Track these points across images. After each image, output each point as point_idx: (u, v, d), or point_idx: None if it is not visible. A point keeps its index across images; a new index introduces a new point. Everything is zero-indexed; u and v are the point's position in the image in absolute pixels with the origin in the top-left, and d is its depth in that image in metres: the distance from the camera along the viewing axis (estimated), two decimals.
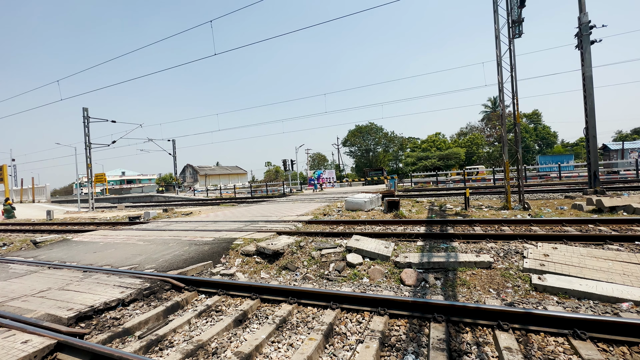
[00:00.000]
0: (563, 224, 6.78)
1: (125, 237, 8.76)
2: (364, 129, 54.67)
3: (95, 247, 7.68)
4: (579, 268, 4.21)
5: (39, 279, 5.10)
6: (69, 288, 4.46)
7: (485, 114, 52.57)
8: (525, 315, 2.88)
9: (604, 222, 6.59)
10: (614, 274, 3.98)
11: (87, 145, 23.66)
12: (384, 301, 3.40)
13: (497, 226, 7.15)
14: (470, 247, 5.55)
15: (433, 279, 4.48)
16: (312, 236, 6.98)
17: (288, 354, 2.77)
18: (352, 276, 4.91)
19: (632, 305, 3.30)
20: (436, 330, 2.91)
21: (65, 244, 8.59)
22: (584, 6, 11.34)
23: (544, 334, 2.77)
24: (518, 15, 9.48)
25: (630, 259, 4.36)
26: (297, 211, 11.83)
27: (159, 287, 4.41)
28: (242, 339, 3.06)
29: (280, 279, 5.15)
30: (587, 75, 11.32)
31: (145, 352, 2.91)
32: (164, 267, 5.53)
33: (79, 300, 3.91)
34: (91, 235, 9.72)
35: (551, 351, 2.55)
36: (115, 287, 4.39)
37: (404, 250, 5.70)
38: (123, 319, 3.62)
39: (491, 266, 4.62)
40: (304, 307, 3.70)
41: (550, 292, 3.80)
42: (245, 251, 6.16)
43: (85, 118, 23.39)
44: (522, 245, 5.34)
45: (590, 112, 11.40)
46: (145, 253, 6.60)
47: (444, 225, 7.65)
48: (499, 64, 9.66)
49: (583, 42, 11.30)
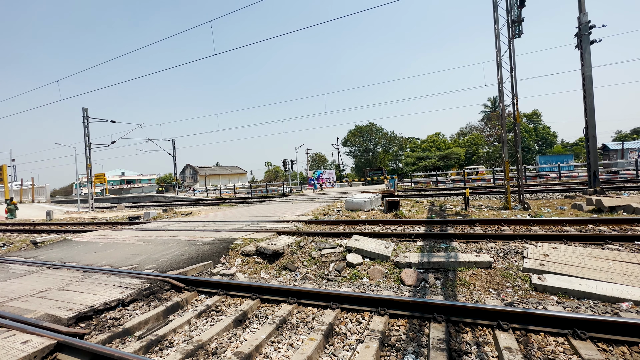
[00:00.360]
0: (563, 223, 6.78)
1: (125, 237, 8.76)
2: (363, 129, 54.68)
3: (95, 247, 7.68)
4: (578, 268, 4.21)
5: (38, 279, 5.10)
6: (69, 288, 4.46)
7: (485, 114, 52.58)
8: (525, 315, 2.88)
9: (604, 222, 6.59)
10: (614, 274, 3.98)
11: (86, 145, 23.65)
12: (384, 301, 3.40)
13: (497, 226, 7.15)
14: (470, 247, 5.55)
15: (433, 279, 4.48)
16: (312, 236, 6.98)
17: (288, 354, 2.77)
18: (352, 276, 4.91)
19: (632, 305, 3.30)
20: (436, 330, 2.91)
21: (65, 244, 8.58)
22: (584, 6, 11.34)
23: (543, 333, 2.77)
24: (518, 15, 9.49)
25: (630, 258, 4.36)
26: (297, 211, 11.83)
27: (159, 287, 4.41)
28: (242, 339, 3.06)
29: (280, 279, 5.15)
30: (587, 75, 11.32)
31: (145, 352, 2.91)
32: (163, 267, 5.53)
33: (79, 301, 3.91)
34: (91, 235, 9.71)
35: (551, 351, 2.55)
36: (115, 287, 4.39)
37: (404, 250, 5.70)
38: (123, 319, 3.62)
39: (491, 266, 4.62)
40: (304, 307, 3.70)
41: (550, 292, 3.80)
42: (245, 251, 6.15)
43: (85, 118, 23.39)
44: (522, 245, 5.34)
45: (590, 112, 11.40)
46: (145, 253, 6.60)
47: (444, 225, 7.65)
48: (499, 64, 9.66)
49: (583, 42, 11.30)
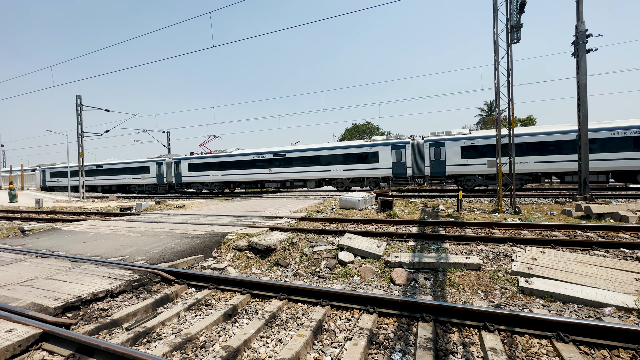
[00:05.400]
0: (552, 228, 6.90)
1: (116, 227, 8.66)
2: (360, 127, 54.65)
3: (85, 237, 7.58)
4: (565, 272, 4.29)
5: (25, 267, 5.02)
6: (57, 278, 4.40)
7: (480, 118, 52.91)
8: (511, 317, 2.93)
9: (592, 229, 6.72)
10: (599, 279, 4.07)
11: (79, 134, 23.24)
12: (373, 299, 3.43)
13: (488, 229, 7.25)
14: (460, 248, 5.61)
15: (423, 279, 4.52)
16: (304, 233, 6.98)
17: (276, 349, 2.78)
18: (344, 274, 4.93)
19: (615, 310, 3.38)
20: (424, 329, 2.94)
21: (54, 233, 8.46)
22: (582, 15, 11.46)
23: (528, 335, 2.83)
24: (517, 20, 9.55)
25: (615, 265, 4.46)
26: (290, 207, 11.82)
27: (149, 280, 4.38)
28: (231, 333, 3.06)
29: (272, 274, 5.15)
30: (582, 83, 11.47)
31: (132, 344, 2.89)
32: (154, 260, 5.48)
33: (67, 290, 3.86)
34: (81, 225, 9.58)
35: (534, 353, 2.60)
36: (104, 278, 4.35)
37: (396, 249, 5.75)
38: (111, 310, 3.59)
39: (480, 268, 4.69)
40: (294, 304, 3.71)
41: (537, 295, 3.87)
42: (237, 246, 6.14)
43: (78, 106, 22.97)
44: (512, 248, 5.42)
45: (583, 120, 11.56)
46: (135, 245, 6.54)
47: (436, 226, 7.72)
48: (496, 68, 9.73)
49: (579, 51, 11.43)
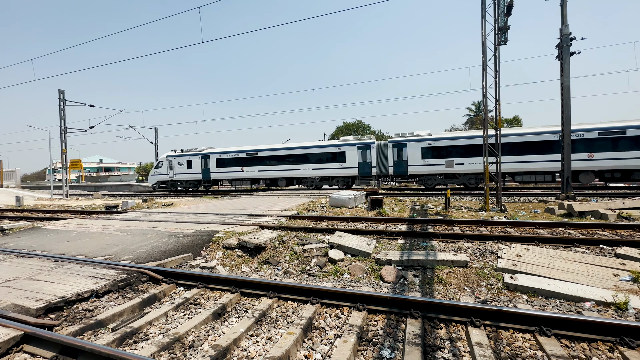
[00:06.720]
0: (536, 226, 7.10)
1: (101, 226, 8.45)
2: (351, 126, 54.83)
3: (68, 236, 7.37)
4: (548, 269, 4.43)
5: (5, 267, 4.85)
6: (39, 278, 4.27)
7: (468, 118, 53.83)
8: (497, 312, 3.01)
9: (573, 226, 6.94)
10: (580, 275, 4.22)
11: (62, 130, 22.51)
12: (363, 297, 3.46)
13: (475, 227, 7.40)
14: (448, 246, 5.72)
15: (412, 276, 4.59)
16: (295, 231, 6.98)
17: (266, 348, 2.77)
18: (334, 272, 4.95)
19: (594, 305, 3.51)
20: (412, 325, 2.99)
21: (35, 232, 8.19)
22: (566, 18, 11.77)
23: (513, 330, 2.91)
24: (504, 22, 9.75)
25: (594, 261, 4.63)
26: (281, 206, 11.78)
27: (136, 279, 4.30)
28: (220, 332, 3.04)
29: (262, 273, 5.13)
30: (566, 85, 11.80)
31: (119, 345, 2.83)
32: (141, 259, 5.38)
33: (49, 291, 3.75)
34: (64, 223, 9.31)
35: (518, 347, 2.68)
36: (88, 277, 4.24)
37: (385, 247, 5.81)
38: (96, 310, 3.51)
39: (467, 265, 4.79)
40: (284, 302, 3.71)
41: (521, 291, 3.98)
42: (227, 244, 6.08)
43: (61, 101, 22.23)
44: (497, 245, 5.56)
45: (567, 121, 11.91)
46: (121, 244, 6.40)
47: (425, 224, 7.83)
48: (484, 69, 9.91)
49: (563, 53, 11.75)
